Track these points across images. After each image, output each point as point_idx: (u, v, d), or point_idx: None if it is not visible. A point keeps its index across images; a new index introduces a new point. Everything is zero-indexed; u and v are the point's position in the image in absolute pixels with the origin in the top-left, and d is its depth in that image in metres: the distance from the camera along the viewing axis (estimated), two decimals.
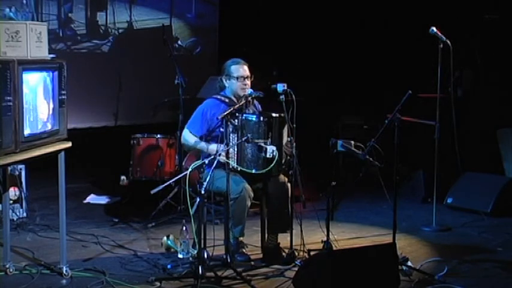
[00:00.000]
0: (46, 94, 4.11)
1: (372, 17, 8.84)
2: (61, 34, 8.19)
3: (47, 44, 4.15)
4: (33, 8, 7.79)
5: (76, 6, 8.30)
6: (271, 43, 8.91)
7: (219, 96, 4.90)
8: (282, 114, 4.54)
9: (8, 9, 7.30)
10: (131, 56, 8.61)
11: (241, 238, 4.73)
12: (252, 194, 4.61)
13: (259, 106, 5.01)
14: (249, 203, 4.60)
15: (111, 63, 8.57)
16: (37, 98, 4.02)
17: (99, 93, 8.39)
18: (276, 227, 4.79)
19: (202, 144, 4.77)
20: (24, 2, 7.69)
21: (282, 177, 4.75)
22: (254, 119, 4.59)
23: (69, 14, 8.27)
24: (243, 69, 4.84)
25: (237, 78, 4.82)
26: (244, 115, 4.60)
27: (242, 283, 4.23)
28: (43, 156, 4.03)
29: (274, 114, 4.60)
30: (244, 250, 4.74)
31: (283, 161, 4.64)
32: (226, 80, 4.88)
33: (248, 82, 4.84)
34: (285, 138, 4.65)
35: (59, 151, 4.19)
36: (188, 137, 4.86)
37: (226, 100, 4.85)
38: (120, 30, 8.71)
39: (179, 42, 9.20)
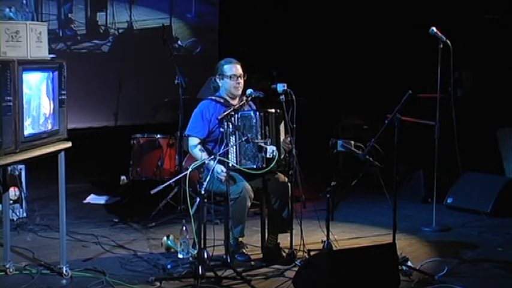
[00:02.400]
0: (46, 94, 4.11)
1: (372, 17, 8.85)
2: (61, 34, 8.20)
3: (47, 44, 4.15)
4: (33, 8, 7.79)
5: (76, 7, 8.31)
6: (271, 43, 8.91)
7: (213, 97, 4.91)
8: (279, 110, 4.56)
9: (8, 10, 7.28)
10: (131, 56, 8.62)
11: (241, 238, 4.73)
12: (252, 194, 4.61)
13: (254, 106, 5.02)
14: (249, 203, 4.60)
15: (111, 63, 8.57)
16: (37, 98, 4.02)
17: (99, 93, 8.39)
18: (276, 227, 4.79)
19: (210, 163, 4.63)
20: (24, 2, 7.70)
21: (282, 177, 4.76)
22: (251, 114, 4.64)
23: (69, 14, 8.28)
24: (236, 68, 4.85)
25: (230, 77, 4.83)
26: (240, 113, 4.62)
27: (242, 283, 4.23)
28: (43, 156, 4.03)
29: (270, 110, 4.65)
30: (244, 250, 4.74)
31: (281, 156, 4.65)
32: (219, 80, 4.89)
33: (241, 81, 4.85)
34: (282, 135, 4.67)
35: (59, 151, 4.19)
36: (195, 148, 4.79)
37: (222, 101, 4.86)
38: (120, 31, 8.72)
39: (179, 42, 9.21)
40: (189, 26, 9.37)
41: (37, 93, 4.02)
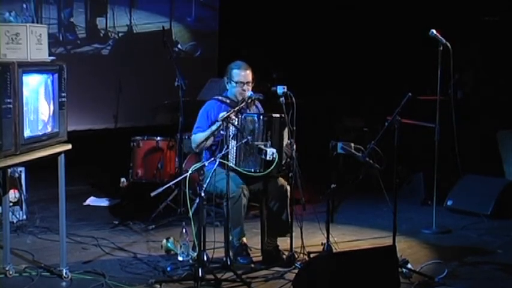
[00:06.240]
0: (46, 96, 4.11)
1: (372, 20, 8.86)
2: (61, 38, 8.21)
3: (47, 46, 4.15)
4: (33, 12, 7.80)
5: (76, 11, 8.31)
6: (271, 46, 8.92)
7: (220, 97, 4.92)
8: (283, 115, 4.56)
9: (8, 14, 7.32)
10: (131, 59, 8.62)
11: (244, 240, 4.72)
12: (247, 193, 4.60)
13: (261, 108, 5.02)
14: (244, 201, 4.57)
15: (111, 66, 8.58)
16: (37, 100, 4.03)
17: (100, 96, 8.39)
18: (275, 230, 4.78)
19: (209, 130, 4.72)
20: (24, 6, 7.70)
21: (282, 181, 4.75)
22: (254, 117, 4.63)
23: (70, 19, 8.28)
24: (244, 75, 4.84)
25: (236, 83, 4.84)
26: (245, 114, 4.62)
27: (242, 285, 4.23)
28: (43, 158, 4.03)
29: (274, 115, 4.63)
30: (248, 252, 4.71)
31: (283, 162, 4.65)
32: (227, 83, 4.91)
33: (248, 87, 4.84)
34: (286, 140, 4.67)
35: (59, 153, 4.19)
36: (196, 137, 4.83)
37: (228, 101, 4.87)
38: (120, 34, 8.72)
39: (179, 46, 9.21)
40: (189, 29, 9.37)
41: (37, 95, 4.02)
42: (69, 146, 4.28)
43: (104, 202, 6.45)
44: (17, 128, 3.76)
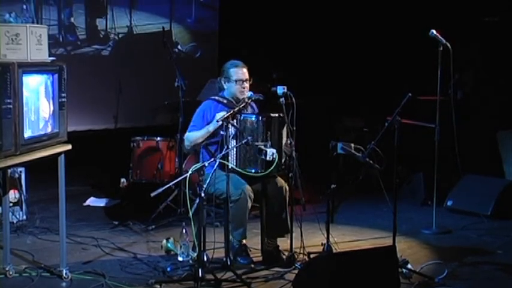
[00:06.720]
0: (46, 96, 4.12)
1: (372, 20, 8.86)
2: (61, 39, 8.21)
3: (47, 47, 4.15)
4: (33, 13, 7.80)
5: (76, 12, 8.31)
6: (271, 46, 8.92)
7: (217, 98, 4.91)
8: (281, 114, 4.56)
9: (8, 15, 7.31)
10: (131, 59, 8.62)
11: (244, 241, 4.72)
12: (252, 195, 4.60)
13: (256, 108, 5.02)
14: (249, 205, 4.59)
15: (111, 67, 8.58)
16: (37, 101, 4.03)
17: (100, 96, 8.39)
18: (274, 231, 4.78)
19: (205, 129, 4.74)
20: (24, 7, 7.70)
21: (281, 181, 4.75)
22: (253, 118, 4.62)
23: (69, 19, 8.28)
24: (242, 72, 4.84)
25: (236, 81, 4.83)
26: (243, 115, 4.62)
27: (242, 286, 4.23)
28: (43, 158, 4.03)
29: (273, 114, 4.63)
30: (248, 252, 4.71)
31: (282, 160, 4.65)
32: (225, 83, 4.89)
33: (247, 85, 4.85)
34: (285, 138, 4.67)
35: (59, 154, 4.19)
36: (191, 135, 4.83)
37: (225, 101, 4.86)
38: (120, 35, 8.72)
39: (179, 47, 9.21)
40: (189, 30, 9.37)
41: (37, 95, 4.03)
42: (69, 147, 4.28)
43: (103, 202, 6.44)
44: (17, 128, 3.76)
